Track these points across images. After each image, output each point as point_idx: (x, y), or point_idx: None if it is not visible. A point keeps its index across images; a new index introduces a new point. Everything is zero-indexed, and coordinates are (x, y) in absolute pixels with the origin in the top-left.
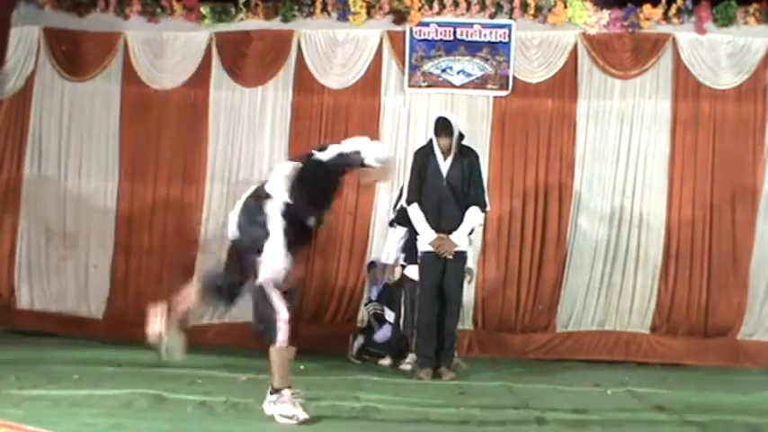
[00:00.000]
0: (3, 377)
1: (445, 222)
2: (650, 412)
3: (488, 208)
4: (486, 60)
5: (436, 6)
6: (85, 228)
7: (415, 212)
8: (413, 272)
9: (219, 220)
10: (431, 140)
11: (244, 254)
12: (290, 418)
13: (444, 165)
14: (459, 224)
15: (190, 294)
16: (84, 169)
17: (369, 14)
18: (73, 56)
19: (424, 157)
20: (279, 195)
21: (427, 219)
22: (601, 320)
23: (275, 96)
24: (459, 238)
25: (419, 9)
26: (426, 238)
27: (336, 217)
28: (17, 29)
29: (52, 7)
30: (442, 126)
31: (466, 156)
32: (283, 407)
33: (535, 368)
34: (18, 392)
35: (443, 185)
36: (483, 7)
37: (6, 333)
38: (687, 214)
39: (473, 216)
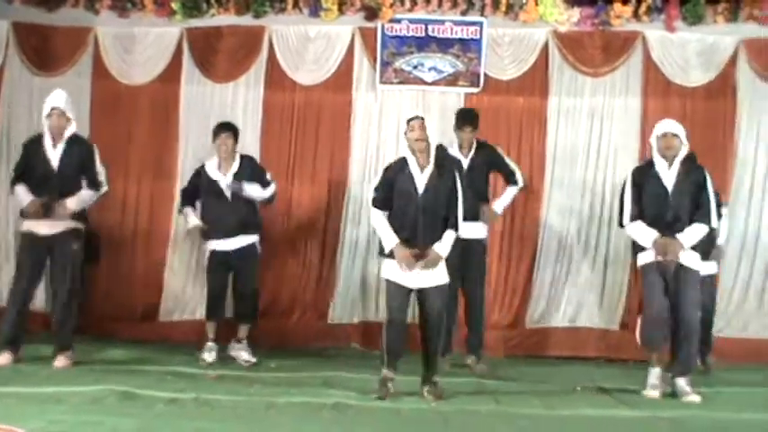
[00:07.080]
0: None
1: None
2: (620, 408)
3: None
4: (458, 57)
5: (408, 3)
6: None
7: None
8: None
9: None
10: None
11: None
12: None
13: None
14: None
15: None
16: None
17: (340, 11)
18: (43, 51)
19: None
20: None
21: None
22: (571, 317)
23: (246, 92)
24: None
25: (391, 5)
26: None
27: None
28: None
29: (22, 1)
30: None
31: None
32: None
33: (505, 364)
34: None
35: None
36: (454, 4)
37: None
38: None
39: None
